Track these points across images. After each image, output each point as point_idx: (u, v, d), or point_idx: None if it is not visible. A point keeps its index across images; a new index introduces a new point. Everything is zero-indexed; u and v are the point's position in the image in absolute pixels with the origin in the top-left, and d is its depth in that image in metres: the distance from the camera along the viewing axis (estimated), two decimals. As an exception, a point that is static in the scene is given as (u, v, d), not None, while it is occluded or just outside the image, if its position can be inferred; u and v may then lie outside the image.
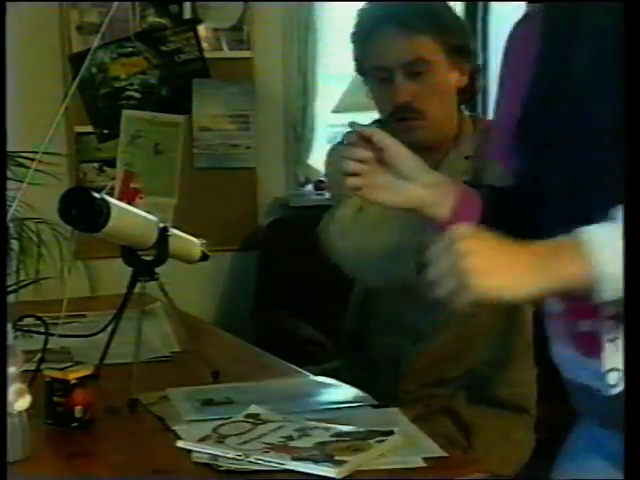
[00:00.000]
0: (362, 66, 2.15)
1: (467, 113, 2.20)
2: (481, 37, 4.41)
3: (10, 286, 3.19)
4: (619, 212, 1.13)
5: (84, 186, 2.89)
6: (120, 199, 1.78)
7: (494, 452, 2.10)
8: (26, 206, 3.06)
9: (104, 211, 1.65)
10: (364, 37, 2.11)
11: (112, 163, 3.79)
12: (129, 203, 1.81)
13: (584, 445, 1.41)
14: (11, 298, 3.10)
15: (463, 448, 2.04)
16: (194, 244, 2.02)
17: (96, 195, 1.66)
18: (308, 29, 4.03)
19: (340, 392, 1.82)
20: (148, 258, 1.85)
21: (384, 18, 2.06)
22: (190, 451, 1.48)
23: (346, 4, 3.84)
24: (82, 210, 1.65)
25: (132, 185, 1.85)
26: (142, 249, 1.84)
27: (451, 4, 2.24)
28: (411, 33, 2.04)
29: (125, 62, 3.82)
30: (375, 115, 2.23)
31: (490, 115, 4.49)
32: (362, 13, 2.14)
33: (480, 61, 4.43)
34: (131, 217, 1.78)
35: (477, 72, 2.16)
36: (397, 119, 2.08)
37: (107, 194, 1.71)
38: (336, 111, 4.01)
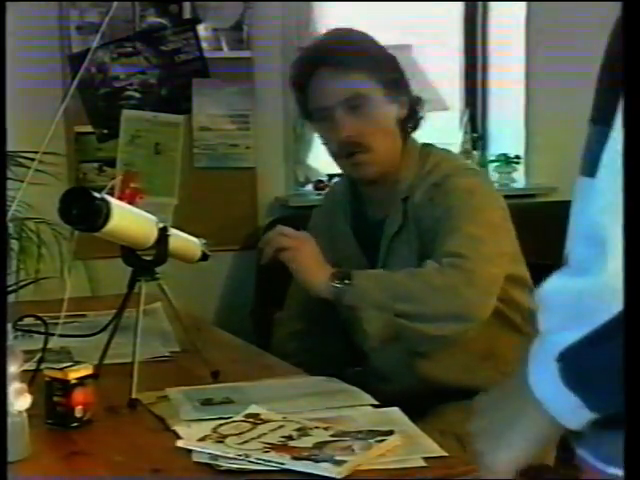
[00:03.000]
0: (305, 109, 2.20)
1: (418, 144, 2.22)
2: (481, 37, 4.41)
3: (10, 286, 3.19)
4: None
5: (84, 186, 2.88)
6: (120, 199, 1.78)
7: None
8: (26, 206, 3.06)
9: (104, 211, 1.65)
10: (303, 82, 2.17)
11: (112, 163, 3.78)
12: (129, 203, 1.81)
13: None
14: (11, 298, 3.10)
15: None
16: (194, 244, 2.02)
17: (96, 195, 1.66)
18: (308, 29, 4.03)
19: (340, 392, 1.82)
20: (148, 258, 1.86)
21: (319, 61, 2.13)
22: (190, 451, 1.49)
23: (345, 4, 3.85)
24: (82, 210, 1.65)
25: (132, 185, 1.85)
26: (142, 249, 1.84)
27: (452, 4, 2.25)
28: (346, 71, 2.10)
29: (125, 62, 3.82)
30: None
31: (490, 114, 4.50)
32: (299, 60, 2.21)
33: (480, 62, 4.45)
34: (131, 217, 1.78)
35: (417, 103, 2.20)
36: (345, 156, 2.13)
37: (107, 194, 1.71)
38: (336, 111, 4.01)
